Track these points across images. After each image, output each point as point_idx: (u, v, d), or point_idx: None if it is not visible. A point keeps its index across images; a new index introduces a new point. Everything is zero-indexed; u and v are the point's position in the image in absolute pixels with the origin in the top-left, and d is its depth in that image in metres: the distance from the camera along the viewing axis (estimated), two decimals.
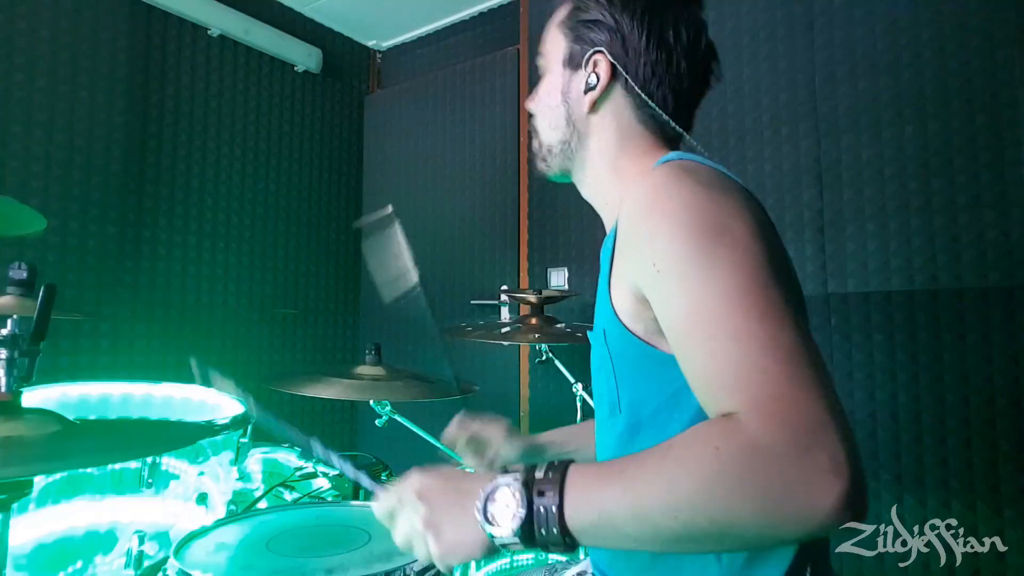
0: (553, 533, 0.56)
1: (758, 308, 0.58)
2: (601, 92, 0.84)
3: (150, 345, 2.56)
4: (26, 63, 2.27)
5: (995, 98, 1.86)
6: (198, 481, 1.35)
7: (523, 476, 0.58)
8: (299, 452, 1.85)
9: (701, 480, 0.52)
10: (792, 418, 0.52)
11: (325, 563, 0.93)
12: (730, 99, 2.29)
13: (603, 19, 0.84)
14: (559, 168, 0.91)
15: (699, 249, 0.62)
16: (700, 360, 0.60)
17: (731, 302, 0.59)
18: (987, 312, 1.85)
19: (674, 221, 0.65)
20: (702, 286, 0.61)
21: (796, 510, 0.49)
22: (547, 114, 0.89)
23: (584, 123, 0.86)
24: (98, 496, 1.21)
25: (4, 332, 0.79)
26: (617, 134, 0.86)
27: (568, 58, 0.86)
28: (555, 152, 0.89)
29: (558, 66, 0.88)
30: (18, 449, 0.74)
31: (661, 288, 0.65)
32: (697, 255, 0.62)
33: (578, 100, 0.86)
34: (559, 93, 0.87)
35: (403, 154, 3.35)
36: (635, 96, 0.84)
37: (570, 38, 0.86)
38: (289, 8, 3.15)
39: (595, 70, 0.84)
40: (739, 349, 0.57)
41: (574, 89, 0.86)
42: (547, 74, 0.90)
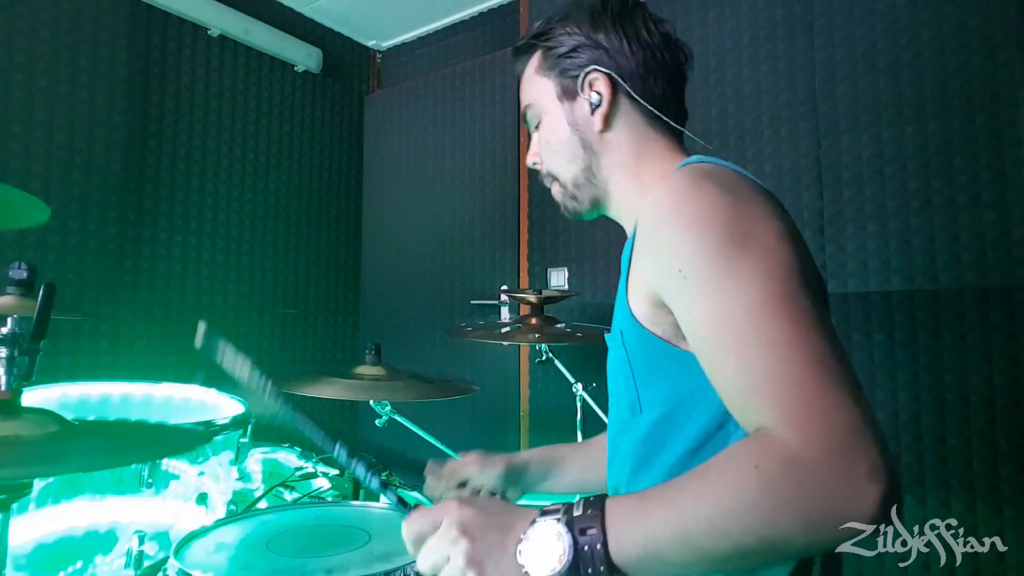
0: (600, 571, 0.55)
1: (787, 316, 0.58)
2: (608, 106, 0.84)
3: (150, 345, 2.56)
4: (26, 63, 2.27)
5: (995, 98, 1.86)
6: (198, 481, 1.35)
7: (564, 516, 0.57)
8: (299, 452, 1.85)
9: (745, 500, 0.53)
10: (828, 429, 0.52)
11: (325, 563, 0.93)
12: (730, 99, 2.29)
13: (581, 43, 0.85)
14: (589, 200, 0.90)
15: (726, 256, 0.62)
16: (731, 369, 0.60)
17: (761, 310, 0.59)
18: (987, 312, 1.85)
19: (699, 227, 0.65)
20: (731, 294, 0.61)
21: (841, 519, 0.51)
22: (561, 150, 0.88)
23: (600, 143, 0.87)
24: (98, 496, 1.21)
25: (4, 331, 0.79)
26: (633, 143, 0.86)
27: (562, 92, 0.87)
28: (581, 183, 0.89)
29: (554, 104, 0.88)
30: (18, 449, 0.74)
31: (685, 295, 0.65)
32: (724, 262, 0.62)
33: (587, 122, 0.86)
34: (566, 126, 0.87)
35: (403, 154, 3.35)
36: (641, 97, 0.84)
37: (555, 75, 0.87)
38: (289, 8, 3.15)
39: (593, 88, 0.85)
40: (770, 358, 0.57)
41: (580, 115, 0.86)
42: (544, 117, 0.90)
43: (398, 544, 0.99)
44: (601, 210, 0.93)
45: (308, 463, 1.72)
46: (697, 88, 2.36)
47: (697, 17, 2.38)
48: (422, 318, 3.16)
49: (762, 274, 0.61)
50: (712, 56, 2.34)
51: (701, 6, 2.38)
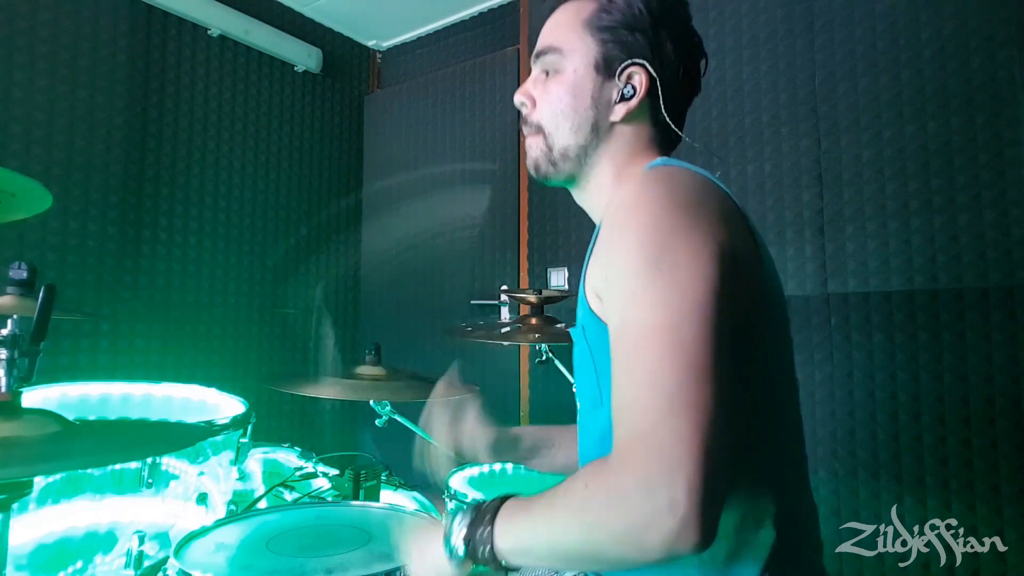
0: (488, 552, 0.69)
1: (659, 346, 0.62)
2: (636, 104, 0.83)
3: (150, 345, 2.56)
4: (26, 63, 2.27)
5: (995, 98, 1.86)
6: (198, 481, 1.35)
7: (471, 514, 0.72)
8: (299, 452, 1.85)
9: (572, 513, 0.64)
10: (648, 459, 0.59)
11: (325, 563, 0.93)
12: (730, 99, 2.29)
13: (643, 27, 0.81)
14: (568, 173, 0.88)
15: (638, 273, 0.65)
16: (613, 380, 0.66)
17: (644, 336, 0.63)
18: (987, 312, 1.85)
19: (629, 240, 0.67)
20: (630, 310, 0.65)
21: (640, 542, 0.58)
22: (571, 116, 0.85)
23: (608, 132, 0.85)
24: (98, 496, 1.21)
25: (4, 332, 0.79)
26: (633, 144, 0.86)
27: (601, 62, 0.83)
28: (570, 156, 0.86)
29: (587, 68, 0.83)
30: (18, 449, 0.74)
31: (607, 301, 0.71)
32: (636, 279, 0.65)
33: (608, 108, 0.83)
34: (589, 99, 0.84)
35: (403, 154, 3.35)
36: (658, 108, 0.83)
37: (601, 41, 0.83)
38: (289, 8, 3.15)
39: (631, 81, 0.82)
40: (632, 383, 0.63)
41: (606, 96, 0.83)
42: (568, 72, 0.85)
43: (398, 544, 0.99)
44: (570, 185, 0.90)
45: (308, 463, 1.72)
46: None
47: (697, 17, 2.36)
48: (422, 318, 3.16)
49: (658, 303, 0.64)
50: (712, 56, 2.33)
51: (701, 6, 2.38)
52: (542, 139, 0.87)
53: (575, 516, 0.63)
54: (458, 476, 1.60)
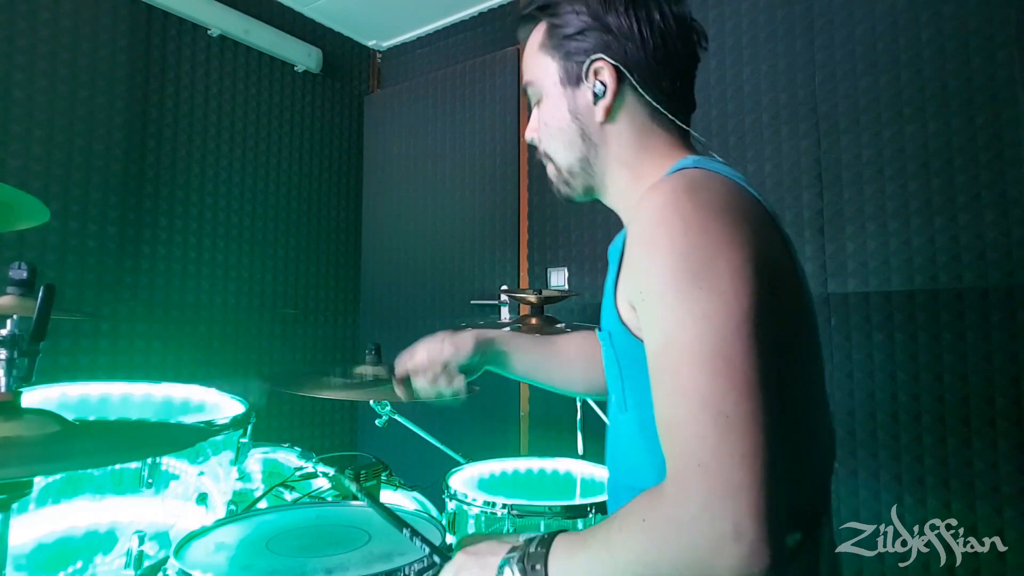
0: None
1: (710, 367, 0.60)
2: (612, 98, 0.81)
3: (150, 345, 2.56)
4: (26, 63, 2.27)
5: (995, 98, 1.86)
6: (198, 481, 1.35)
7: (520, 553, 0.70)
8: (299, 452, 1.85)
9: (633, 550, 0.62)
10: (709, 485, 0.57)
11: (325, 563, 0.93)
12: (730, 99, 2.29)
13: (588, 25, 0.81)
14: (582, 187, 0.88)
15: (674, 292, 0.63)
16: (658, 403, 0.64)
17: (691, 355, 0.61)
18: (987, 312, 1.85)
19: (664, 253, 0.65)
20: (668, 331, 0.63)
21: (705, 572, 0.57)
22: (559, 137, 0.86)
23: (599, 135, 0.84)
24: (98, 496, 1.21)
25: (4, 332, 0.79)
26: (634, 137, 0.84)
27: (565, 76, 0.84)
28: (576, 172, 0.87)
29: (555, 88, 0.85)
30: (18, 449, 0.74)
31: (643, 316, 0.68)
32: (670, 299, 0.63)
33: (589, 113, 0.83)
34: (566, 113, 0.84)
35: (403, 154, 3.35)
36: (645, 91, 0.81)
37: (559, 56, 0.83)
38: (289, 8, 3.16)
39: (598, 78, 0.81)
40: (681, 408, 0.61)
41: (581, 103, 0.83)
42: (545, 99, 0.87)
43: (398, 544, 0.99)
44: (594, 196, 0.91)
45: (308, 463, 1.72)
46: (697, 88, 2.35)
47: (697, 17, 2.37)
48: (422, 318, 3.16)
49: (701, 319, 0.61)
50: (712, 56, 2.34)
51: (701, 6, 2.38)
52: (552, 165, 0.90)
53: (636, 553, 0.61)
54: (458, 476, 1.60)
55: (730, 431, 0.58)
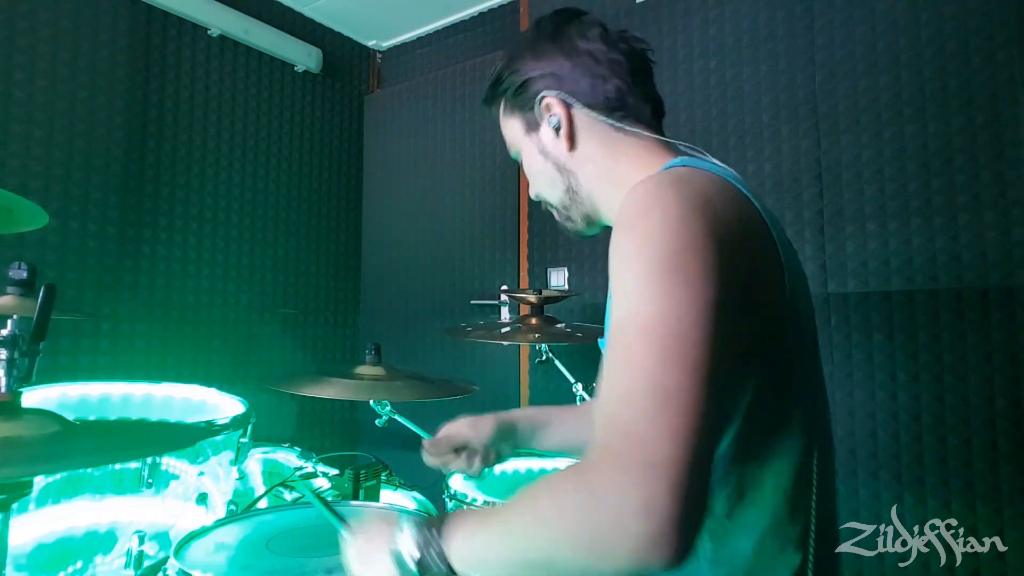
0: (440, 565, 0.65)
1: (659, 341, 0.58)
2: (568, 125, 0.86)
3: (150, 345, 2.56)
4: (26, 63, 2.27)
5: (995, 98, 1.86)
6: (198, 481, 1.35)
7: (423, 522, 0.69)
8: (299, 452, 1.85)
9: (532, 514, 0.59)
10: (627, 459, 0.53)
11: (325, 563, 0.93)
12: (730, 99, 2.29)
13: (528, 76, 0.88)
14: (581, 217, 0.92)
15: (649, 273, 0.62)
16: (603, 377, 0.62)
17: (639, 329, 0.60)
18: (987, 312, 1.85)
19: (641, 240, 0.65)
20: (628, 306, 0.62)
21: (604, 547, 0.52)
22: (542, 179, 0.92)
23: (572, 162, 0.88)
24: (98, 496, 1.21)
25: (4, 332, 0.79)
26: (603, 150, 0.87)
27: (526, 126, 0.90)
28: (568, 204, 0.92)
29: (524, 139, 0.91)
30: (18, 449, 0.74)
31: (612, 298, 0.67)
32: (646, 279, 0.62)
33: (555, 146, 0.88)
34: (538, 155, 0.90)
35: (403, 154, 3.35)
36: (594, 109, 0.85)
37: (517, 112, 0.91)
38: (289, 8, 3.15)
39: (550, 113, 0.87)
40: (626, 376, 0.58)
41: (547, 141, 0.89)
42: (522, 154, 0.94)
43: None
44: (599, 223, 0.94)
45: (308, 463, 1.72)
46: (697, 88, 2.36)
47: (697, 17, 2.38)
48: (422, 318, 3.16)
49: (663, 299, 0.60)
50: (712, 56, 2.34)
51: (701, 6, 2.38)
52: (554, 210, 0.96)
53: (535, 515, 0.58)
54: (458, 476, 1.60)
55: (667, 405, 0.54)
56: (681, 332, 0.58)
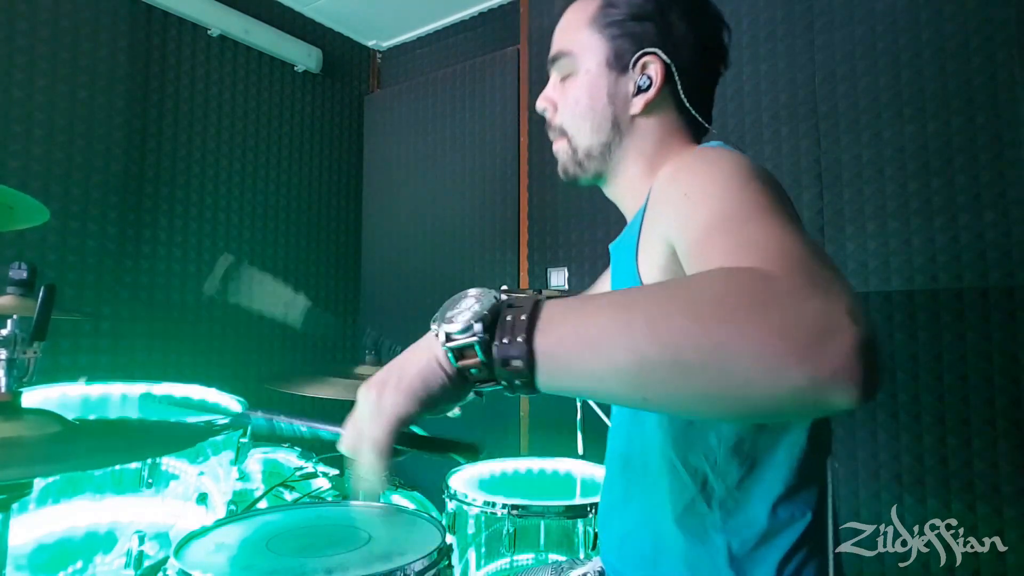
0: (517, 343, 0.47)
1: (781, 220, 0.53)
2: (656, 93, 0.81)
3: (150, 345, 2.56)
4: (26, 63, 2.27)
5: (995, 98, 1.86)
6: (198, 481, 1.35)
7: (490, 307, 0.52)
8: (299, 452, 1.85)
9: (702, 298, 0.44)
10: (812, 269, 0.45)
11: (325, 563, 0.93)
12: (730, 99, 2.29)
13: (648, 14, 0.80)
14: (594, 172, 0.88)
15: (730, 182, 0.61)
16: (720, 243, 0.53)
17: (758, 212, 0.55)
18: (987, 312, 1.85)
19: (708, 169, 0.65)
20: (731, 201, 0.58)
21: (805, 343, 0.40)
22: (589, 117, 0.84)
23: (629, 126, 0.84)
24: (98, 496, 1.21)
25: (4, 332, 0.79)
26: (660, 134, 0.84)
27: (613, 58, 0.82)
28: (595, 155, 0.86)
29: (599, 68, 0.83)
30: (18, 449, 0.74)
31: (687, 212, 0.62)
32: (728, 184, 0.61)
33: (626, 103, 0.83)
34: (604, 96, 0.83)
35: (403, 154, 3.35)
36: (686, 95, 0.82)
37: (608, 37, 0.82)
38: (289, 8, 3.15)
39: (645, 71, 0.81)
40: (762, 227, 0.52)
41: (622, 91, 0.82)
42: (580, 75, 0.84)
43: (398, 544, 0.99)
44: (600, 182, 0.90)
45: (308, 463, 1.72)
46: None
47: None
48: (422, 318, 3.14)
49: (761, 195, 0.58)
50: None
51: None
52: (566, 142, 0.87)
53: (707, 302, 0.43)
54: (458, 476, 1.60)
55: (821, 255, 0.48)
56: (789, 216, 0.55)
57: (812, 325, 0.40)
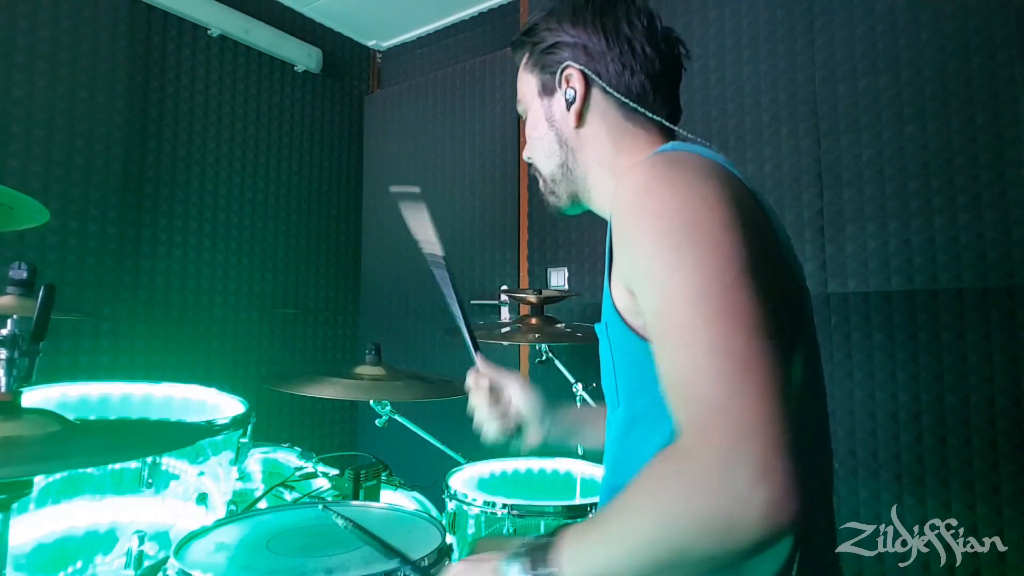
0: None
1: (713, 311, 0.58)
2: (582, 102, 0.85)
3: (150, 345, 2.56)
4: (26, 63, 2.27)
5: (995, 98, 1.86)
6: (198, 481, 1.35)
7: (528, 550, 0.65)
8: (299, 452, 1.85)
9: (648, 514, 0.57)
10: (721, 430, 0.53)
11: (325, 563, 0.93)
12: (730, 99, 2.29)
13: (560, 39, 0.86)
14: (567, 194, 0.92)
15: (668, 249, 0.62)
16: (662, 364, 0.62)
17: (689, 306, 0.59)
18: (987, 312, 1.85)
19: (650, 221, 0.65)
20: (668, 288, 0.62)
21: (728, 521, 0.51)
22: (540, 146, 0.91)
23: (575, 139, 0.88)
24: (98, 496, 1.21)
25: (4, 332, 0.79)
26: (609, 137, 0.86)
27: (542, 88, 0.89)
28: (558, 179, 0.91)
29: (535, 100, 0.90)
30: (18, 449, 0.74)
31: (639, 288, 0.67)
32: (666, 256, 0.62)
33: (563, 119, 0.87)
34: (544, 121, 0.89)
35: (403, 154, 3.35)
36: (615, 94, 0.85)
37: (538, 71, 0.89)
38: (289, 8, 3.15)
39: (569, 85, 0.86)
40: (688, 356, 0.58)
41: (557, 111, 0.88)
42: (528, 113, 0.92)
43: (398, 544, 0.99)
44: (581, 205, 0.94)
45: (308, 463, 1.72)
46: (697, 88, 2.36)
47: (697, 17, 2.38)
48: (422, 318, 3.16)
49: (700, 270, 0.60)
50: (712, 56, 2.34)
51: (701, 6, 2.38)
52: (540, 176, 0.94)
53: (652, 515, 0.56)
54: (458, 476, 1.60)
55: (744, 369, 0.54)
56: (730, 297, 0.58)
57: (733, 505, 0.50)
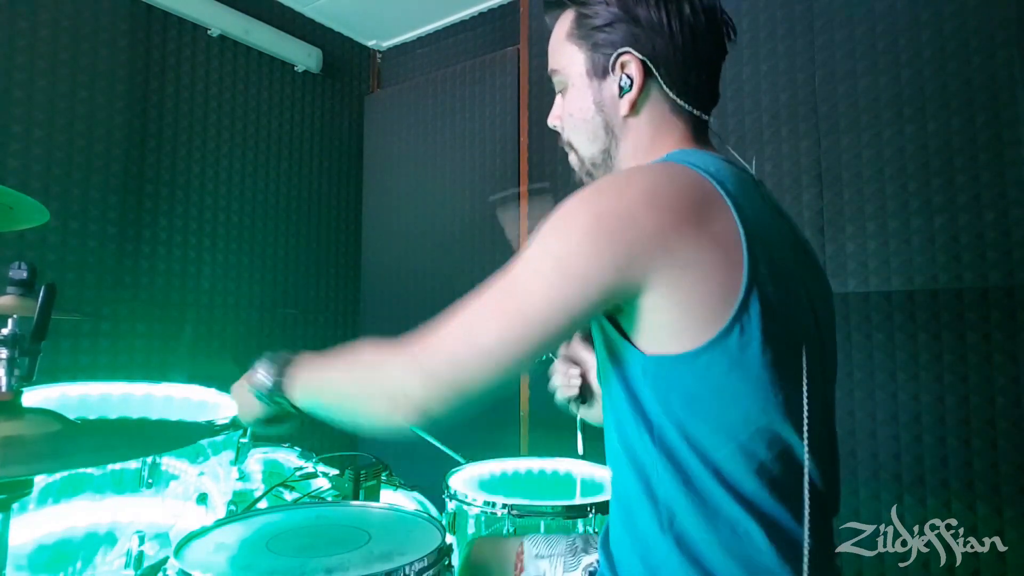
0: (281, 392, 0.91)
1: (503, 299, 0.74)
2: (638, 92, 0.81)
3: (150, 345, 2.56)
4: (26, 63, 2.27)
5: (995, 98, 1.86)
6: (198, 481, 1.35)
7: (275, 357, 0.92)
8: (299, 452, 1.85)
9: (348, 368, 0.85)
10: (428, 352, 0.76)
11: (325, 563, 0.93)
12: (730, 99, 2.29)
13: (617, 17, 0.80)
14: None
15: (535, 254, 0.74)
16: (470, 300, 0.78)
17: (496, 290, 0.75)
18: (987, 312, 1.85)
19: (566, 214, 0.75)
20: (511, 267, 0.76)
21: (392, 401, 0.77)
22: (583, 128, 0.86)
23: (622, 128, 0.84)
24: (98, 496, 1.21)
25: (4, 332, 0.79)
26: (652, 130, 0.84)
27: (591, 68, 0.83)
28: (598, 163, 0.88)
29: (581, 79, 0.84)
30: (18, 449, 0.74)
31: None
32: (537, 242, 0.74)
33: (614, 106, 0.83)
34: (591, 105, 0.84)
35: (403, 154, 3.35)
36: (670, 87, 0.81)
37: (586, 47, 0.83)
38: (289, 8, 3.15)
39: (625, 71, 0.81)
40: (469, 303, 0.77)
41: (607, 96, 0.83)
42: (570, 89, 0.87)
43: (398, 544, 0.99)
44: None
45: (308, 463, 1.72)
46: None
47: None
48: (422, 318, 3.15)
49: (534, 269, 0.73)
50: None
51: None
52: (575, 155, 0.91)
53: (359, 369, 0.83)
54: (458, 476, 1.60)
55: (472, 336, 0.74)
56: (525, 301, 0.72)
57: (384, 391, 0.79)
